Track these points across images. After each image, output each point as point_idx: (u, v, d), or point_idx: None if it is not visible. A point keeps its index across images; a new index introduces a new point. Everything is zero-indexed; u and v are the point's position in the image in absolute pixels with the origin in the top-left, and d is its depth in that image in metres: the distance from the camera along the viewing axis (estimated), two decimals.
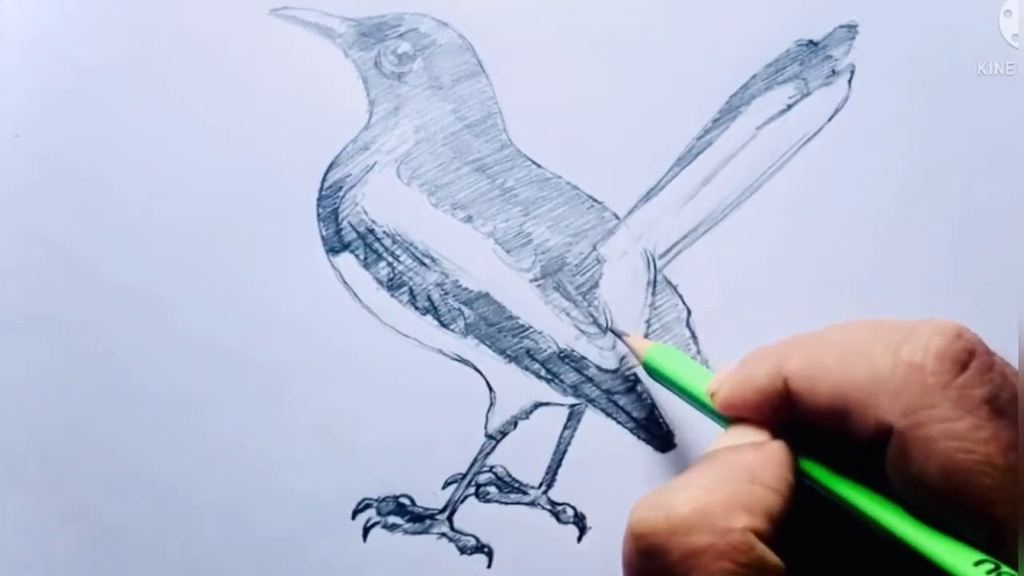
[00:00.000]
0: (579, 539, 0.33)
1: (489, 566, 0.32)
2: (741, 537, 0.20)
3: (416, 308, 0.33)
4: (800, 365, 0.22)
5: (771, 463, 0.22)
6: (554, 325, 0.33)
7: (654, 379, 0.31)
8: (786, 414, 0.23)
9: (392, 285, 0.33)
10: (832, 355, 0.22)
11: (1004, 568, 0.19)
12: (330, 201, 0.34)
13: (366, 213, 0.33)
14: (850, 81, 0.35)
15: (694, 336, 0.33)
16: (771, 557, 0.20)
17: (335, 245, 0.33)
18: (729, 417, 0.25)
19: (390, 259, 0.33)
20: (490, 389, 0.33)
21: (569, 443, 0.33)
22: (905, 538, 0.20)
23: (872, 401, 0.21)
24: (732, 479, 0.21)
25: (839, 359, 0.22)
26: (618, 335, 0.33)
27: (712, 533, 0.20)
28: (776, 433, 0.23)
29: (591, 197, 0.34)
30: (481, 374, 0.33)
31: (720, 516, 0.20)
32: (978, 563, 0.19)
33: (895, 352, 0.21)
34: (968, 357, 0.20)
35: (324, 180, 0.34)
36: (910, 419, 0.20)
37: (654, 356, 0.31)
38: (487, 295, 0.33)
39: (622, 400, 0.33)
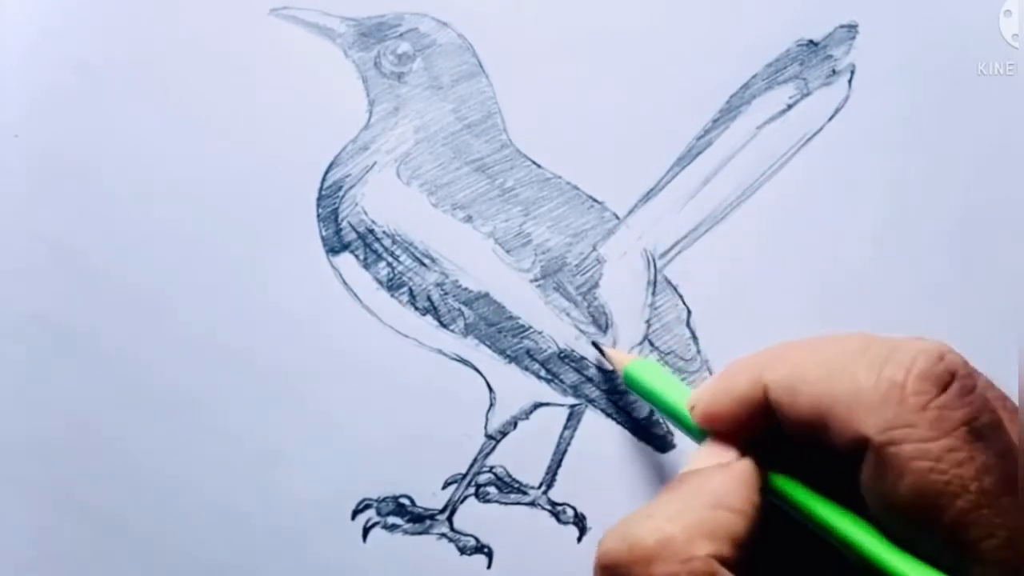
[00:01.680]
0: (579, 539, 0.33)
1: (489, 566, 0.32)
2: (703, 565, 0.20)
3: (416, 308, 0.33)
4: (782, 375, 0.22)
5: (737, 485, 0.22)
6: (554, 325, 0.33)
7: (635, 392, 0.31)
8: (763, 425, 0.23)
9: (392, 285, 0.33)
10: (815, 367, 0.22)
11: None
12: (330, 201, 0.34)
13: (366, 213, 0.33)
14: (850, 81, 0.35)
15: (694, 336, 0.34)
16: None
17: (335, 245, 0.33)
18: (704, 432, 0.25)
19: (390, 259, 0.33)
20: (490, 389, 0.33)
21: (569, 443, 0.33)
22: (876, 559, 0.21)
23: (851, 414, 0.21)
24: (696, 506, 0.22)
25: (822, 371, 0.22)
26: (599, 349, 0.33)
27: (674, 562, 0.20)
28: (748, 448, 0.23)
29: (591, 197, 0.34)
30: (481, 374, 0.33)
31: (682, 545, 0.21)
32: None
33: (879, 369, 0.21)
34: (949, 379, 0.21)
35: (324, 180, 0.34)
36: (887, 435, 0.20)
37: (633, 371, 0.30)
38: (487, 295, 0.33)
39: (622, 400, 0.33)
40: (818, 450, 0.22)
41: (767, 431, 0.23)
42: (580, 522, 0.33)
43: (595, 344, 0.33)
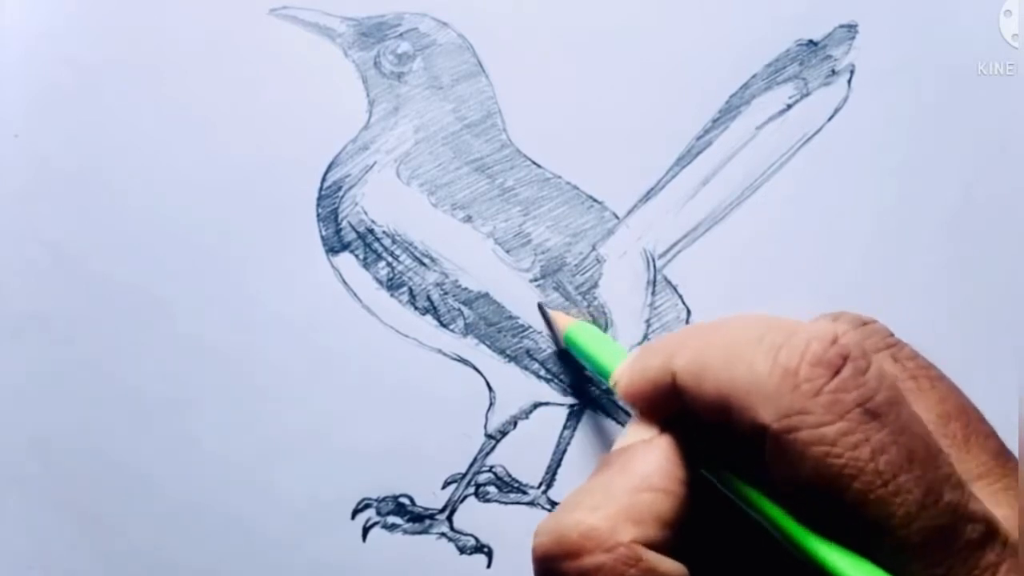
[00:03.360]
0: None
1: (489, 566, 0.32)
2: (627, 551, 0.20)
3: (416, 308, 0.33)
4: (687, 361, 0.22)
5: (661, 462, 0.22)
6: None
7: (577, 358, 0.31)
8: (678, 406, 0.23)
9: (392, 285, 0.33)
10: (717, 353, 0.22)
11: None
12: (330, 201, 0.34)
13: (366, 213, 0.34)
14: (850, 81, 0.35)
15: None
16: (665, 563, 0.21)
17: (335, 245, 0.33)
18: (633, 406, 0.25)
19: (390, 259, 0.33)
20: (490, 389, 0.33)
21: (569, 443, 0.33)
22: (792, 538, 0.21)
23: (750, 402, 0.21)
24: (619, 490, 0.22)
25: (723, 358, 0.22)
26: (543, 312, 0.33)
27: (600, 552, 0.21)
28: (671, 426, 0.23)
29: (591, 197, 0.34)
30: (481, 374, 0.33)
31: (606, 533, 0.21)
32: None
33: (774, 356, 0.21)
34: (841, 362, 0.21)
35: (324, 180, 0.34)
36: (783, 423, 0.20)
37: (575, 334, 0.30)
38: (487, 295, 0.33)
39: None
40: (726, 434, 0.22)
41: (682, 413, 0.23)
42: None
43: (540, 306, 0.33)
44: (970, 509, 0.20)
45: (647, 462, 0.22)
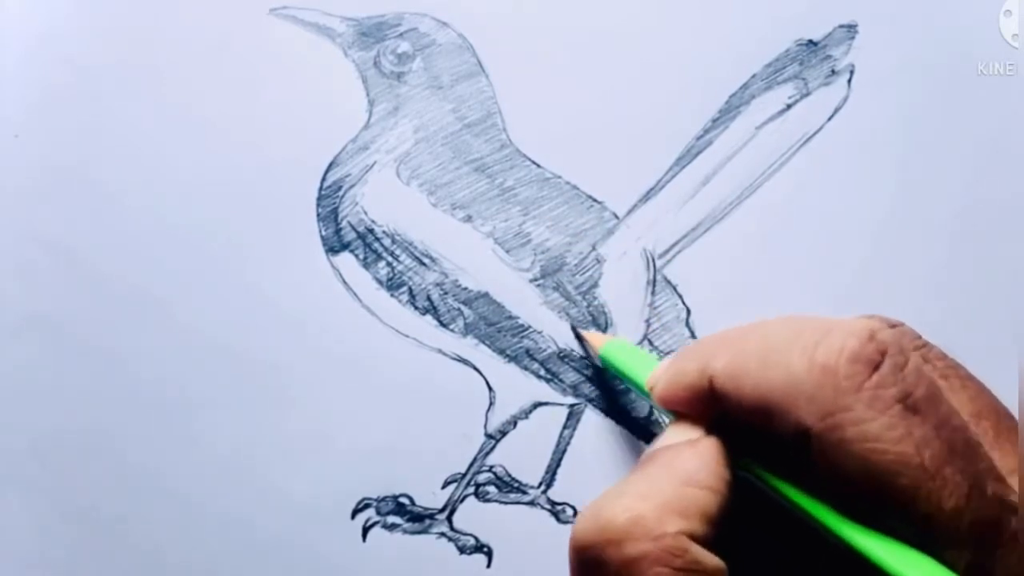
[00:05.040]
0: None
1: (489, 566, 0.32)
2: (674, 542, 0.20)
3: (416, 308, 0.33)
4: (724, 365, 0.22)
5: (706, 461, 0.22)
6: (554, 325, 0.33)
7: (612, 374, 0.31)
8: (717, 409, 0.23)
9: (392, 285, 0.33)
10: (754, 356, 0.22)
11: None
12: (330, 201, 0.34)
13: (365, 213, 0.34)
14: (850, 81, 0.35)
15: (694, 336, 0.34)
16: (708, 558, 0.21)
17: (335, 245, 0.33)
18: (672, 411, 0.25)
19: (390, 259, 0.33)
20: (490, 389, 0.33)
21: (569, 443, 0.33)
22: (843, 536, 0.21)
23: (790, 404, 0.21)
24: (666, 483, 0.22)
25: (760, 360, 0.22)
26: (576, 332, 0.33)
27: (646, 540, 0.20)
28: (712, 428, 0.23)
29: (591, 197, 0.34)
30: (481, 374, 0.33)
31: (653, 522, 0.21)
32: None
33: (811, 355, 0.21)
34: (880, 358, 0.21)
35: (324, 180, 0.34)
36: (826, 422, 0.20)
37: (609, 351, 0.30)
38: (487, 295, 0.33)
39: (622, 399, 0.33)
40: (767, 436, 0.22)
41: (720, 417, 0.23)
42: None
43: (573, 328, 0.33)
44: (1010, 500, 0.20)
45: (693, 460, 0.22)
